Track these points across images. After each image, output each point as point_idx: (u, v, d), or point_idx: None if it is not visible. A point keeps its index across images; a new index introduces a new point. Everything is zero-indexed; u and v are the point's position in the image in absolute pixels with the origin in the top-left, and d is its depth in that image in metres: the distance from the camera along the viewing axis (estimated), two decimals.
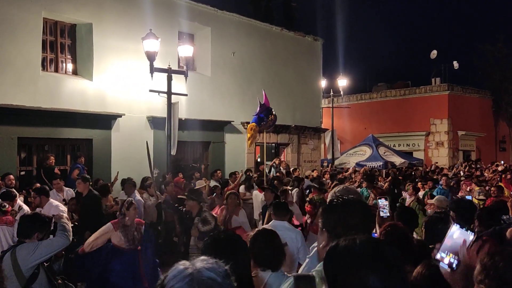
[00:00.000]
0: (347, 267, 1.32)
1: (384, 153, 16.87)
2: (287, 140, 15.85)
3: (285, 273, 2.81)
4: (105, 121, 10.96)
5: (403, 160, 16.93)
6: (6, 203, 5.66)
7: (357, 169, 14.64)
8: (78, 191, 7.47)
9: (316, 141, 17.14)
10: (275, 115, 10.05)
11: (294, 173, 12.54)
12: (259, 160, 14.88)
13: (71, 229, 4.04)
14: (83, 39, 11.02)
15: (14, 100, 9.42)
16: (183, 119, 11.33)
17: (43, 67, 10.39)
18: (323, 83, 17.95)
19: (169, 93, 10.13)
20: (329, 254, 1.41)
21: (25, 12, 9.70)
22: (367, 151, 16.93)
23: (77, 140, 10.72)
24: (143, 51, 9.80)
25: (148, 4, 11.41)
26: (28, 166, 10.10)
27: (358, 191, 3.46)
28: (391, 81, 26.19)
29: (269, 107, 10.04)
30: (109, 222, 5.24)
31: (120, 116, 11.11)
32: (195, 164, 12.94)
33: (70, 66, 11.07)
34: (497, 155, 25.28)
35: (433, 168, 17.72)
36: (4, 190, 6.51)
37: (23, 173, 9.94)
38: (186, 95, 11.21)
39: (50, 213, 4.81)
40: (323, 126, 17.66)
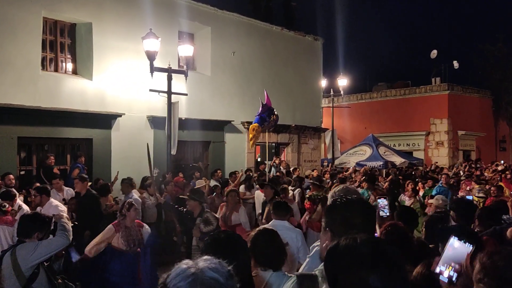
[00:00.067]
0: (347, 266, 1.32)
1: (384, 152, 16.87)
2: (287, 139, 15.85)
3: (285, 272, 2.81)
4: (105, 120, 10.95)
5: (403, 160, 16.94)
6: (6, 203, 5.67)
7: (357, 168, 14.64)
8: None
9: (316, 140, 17.14)
10: (277, 115, 10.06)
11: (294, 172, 12.54)
12: (259, 159, 14.89)
13: (71, 229, 4.03)
14: (83, 39, 11.01)
15: (14, 99, 9.41)
16: (183, 118, 11.33)
17: (43, 66, 10.38)
18: (323, 82, 17.94)
19: (169, 92, 10.13)
20: (329, 253, 1.41)
21: (25, 11, 9.69)
22: (367, 151, 16.92)
23: (77, 140, 10.71)
24: (143, 50, 9.79)
25: (148, 3, 11.40)
26: (28, 165, 10.09)
27: (358, 191, 3.45)
28: (391, 80, 26.22)
29: (271, 107, 10.06)
30: (110, 224, 5.22)
31: (120, 115, 11.10)
32: (196, 164, 12.93)
33: (70, 66, 11.06)
34: (497, 154, 25.28)
35: (433, 167, 17.73)
36: (4, 190, 6.52)
37: (23, 172, 9.93)
38: (186, 94, 11.20)
39: (49, 213, 4.80)
40: (323, 126, 17.66)
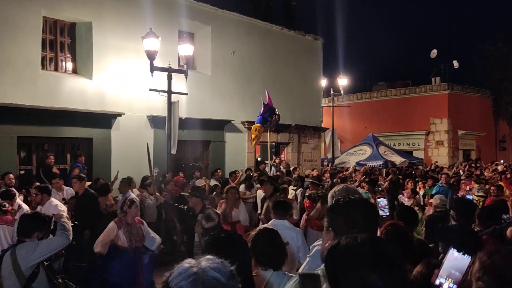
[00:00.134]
0: (348, 265, 1.32)
1: (384, 152, 16.88)
2: (288, 139, 15.85)
3: (286, 272, 2.80)
4: (105, 120, 10.95)
5: (403, 159, 16.95)
6: (6, 203, 5.66)
7: (357, 168, 14.65)
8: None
9: (316, 140, 17.14)
10: (278, 114, 10.09)
11: (294, 172, 12.53)
12: (259, 159, 14.88)
13: (71, 228, 4.03)
14: (82, 38, 11.00)
15: (14, 99, 9.41)
16: (183, 118, 11.32)
17: (43, 66, 10.37)
18: (323, 82, 17.93)
19: (169, 92, 10.12)
20: (330, 252, 1.41)
21: (24, 11, 9.68)
22: (367, 150, 16.93)
23: (77, 139, 10.71)
24: (143, 50, 9.78)
25: (148, 3, 11.39)
26: (28, 165, 10.09)
27: (358, 190, 3.45)
28: (391, 80, 26.23)
29: (272, 107, 10.09)
30: (112, 221, 5.28)
31: (120, 115, 11.10)
32: (196, 163, 12.94)
33: (69, 65, 11.05)
34: (497, 154, 25.29)
35: (433, 167, 17.73)
36: (3, 189, 6.52)
37: (22, 172, 9.93)
38: (186, 94, 11.20)
39: (49, 212, 4.80)
40: (323, 125, 17.66)
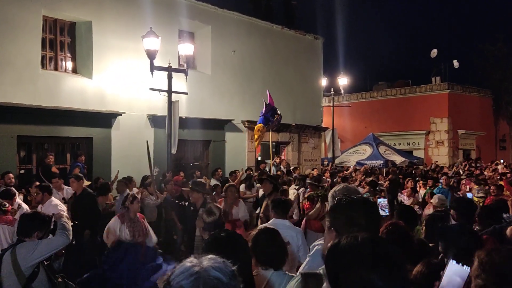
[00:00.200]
0: (348, 265, 1.32)
1: (385, 151, 16.88)
2: (288, 138, 15.85)
3: (286, 272, 2.80)
4: (105, 119, 10.95)
5: (403, 159, 16.95)
6: (6, 202, 5.66)
7: (357, 168, 14.65)
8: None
9: (317, 139, 17.14)
10: (280, 114, 10.10)
11: (294, 172, 12.54)
12: (259, 158, 14.88)
13: (71, 228, 4.03)
14: (82, 37, 11.00)
15: (14, 98, 9.41)
16: (184, 117, 11.32)
17: (43, 65, 10.37)
18: (324, 81, 17.93)
19: (170, 91, 10.11)
20: (330, 251, 1.41)
21: (24, 10, 9.68)
22: (368, 150, 16.93)
23: (77, 139, 10.71)
24: (143, 49, 9.76)
25: (148, 2, 11.39)
26: (28, 164, 10.08)
27: (358, 190, 3.45)
28: (391, 80, 26.26)
29: (274, 107, 10.10)
30: (115, 216, 5.32)
31: (120, 114, 11.10)
32: (197, 163, 12.93)
33: (69, 64, 11.04)
34: (497, 154, 25.29)
35: (433, 166, 17.74)
36: (3, 189, 6.51)
37: (22, 171, 9.92)
38: (186, 93, 11.19)
39: (49, 212, 4.81)
40: (323, 125, 17.66)
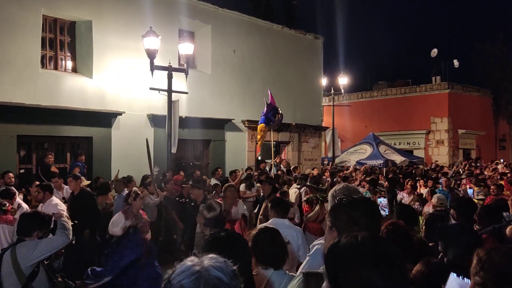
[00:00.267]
0: (348, 264, 1.32)
1: (385, 151, 16.87)
2: (288, 138, 15.84)
3: (286, 271, 2.80)
4: (105, 119, 10.94)
5: (403, 158, 16.94)
6: (6, 201, 5.66)
7: (357, 167, 14.65)
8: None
9: (317, 139, 17.13)
10: (281, 114, 10.11)
11: (295, 171, 12.53)
12: (259, 158, 14.88)
13: (71, 227, 4.03)
14: (82, 37, 10.99)
15: (14, 98, 9.40)
16: (184, 117, 11.32)
17: (43, 64, 10.36)
18: (324, 81, 17.93)
19: (170, 91, 10.11)
20: (330, 251, 1.40)
21: (24, 9, 9.68)
22: (368, 149, 16.93)
23: (77, 138, 10.70)
24: (143, 48, 9.77)
25: (148, 1, 11.38)
26: (28, 164, 10.07)
27: (358, 189, 3.45)
28: (391, 79, 26.26)
29: (275, 106, 10.11)
30: (119, 212, 5.32)
31: (120, 114, 11.09)
32: (197, 162, 12.93)
33: (69, 64, 11.04)
34: (497, 153, 25.30)
35: (433, 166, 17.74)
36: (3, 188, 6.51)
37: (22, 171, 9.92)
38: (186, 93, 11.19)
39: (49, 211, 4.80)
40: (323, 124, 17.66)
